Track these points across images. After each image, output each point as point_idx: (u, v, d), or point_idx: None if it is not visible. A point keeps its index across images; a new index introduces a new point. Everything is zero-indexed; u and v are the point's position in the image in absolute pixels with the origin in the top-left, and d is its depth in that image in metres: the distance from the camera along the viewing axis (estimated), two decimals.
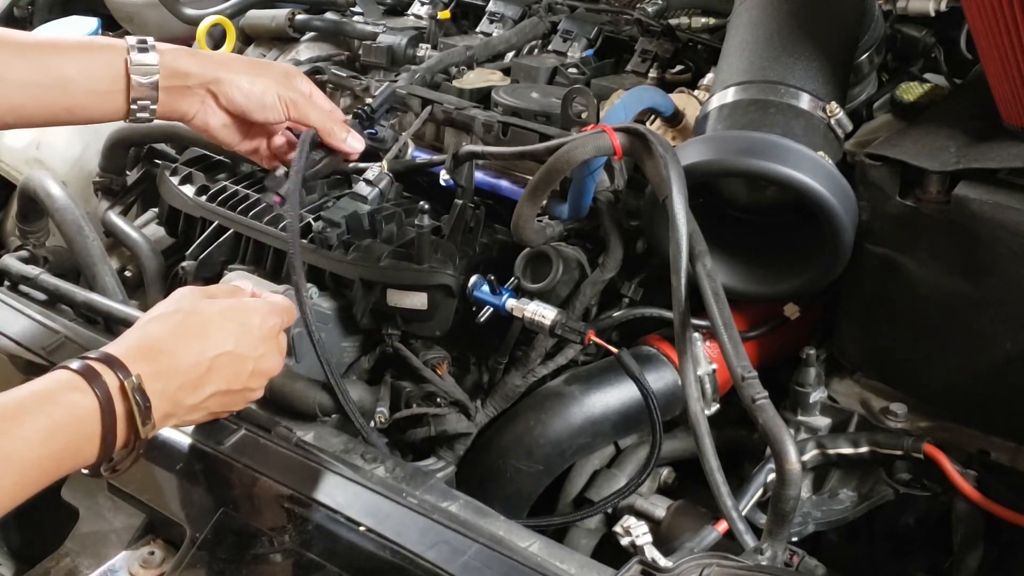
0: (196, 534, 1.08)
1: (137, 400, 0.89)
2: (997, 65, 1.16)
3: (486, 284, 1.35)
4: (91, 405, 0.86)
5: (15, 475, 0.82)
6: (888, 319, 1.33)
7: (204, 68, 1.28)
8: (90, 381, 0.87)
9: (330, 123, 1.38)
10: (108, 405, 0.87)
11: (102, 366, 0.89)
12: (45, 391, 0.85)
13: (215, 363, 0.99)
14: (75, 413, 0.85)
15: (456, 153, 1.40)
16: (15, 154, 1.94)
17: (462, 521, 1.08)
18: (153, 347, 0.95)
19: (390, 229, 1.44)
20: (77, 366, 0.88)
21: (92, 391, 0.86)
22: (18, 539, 1.26)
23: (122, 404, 0.88)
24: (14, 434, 0.82)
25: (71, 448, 0.86)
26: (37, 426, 0.83)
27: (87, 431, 0.86)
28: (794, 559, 1.21)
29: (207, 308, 1.02)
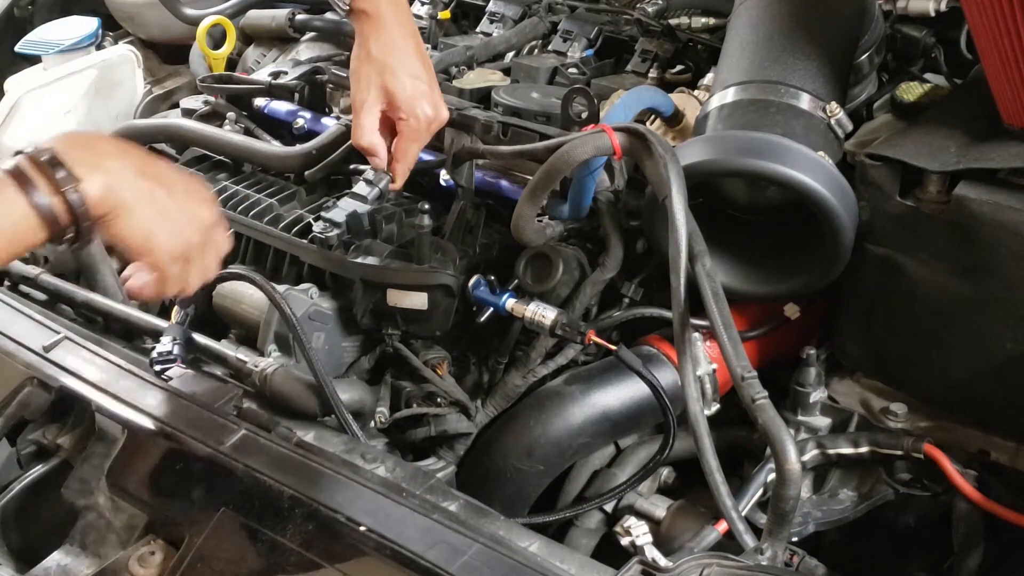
0: (196, 534, 1.08)
1: (40, 160, 0.92)
2: (997, 65, 1.16)
3: (486, 284, 1.35)
4: (10, 185, 0.91)
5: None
6: (888, 319, 1.33)
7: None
8: (10, 171, 0.92)
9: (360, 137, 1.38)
10: (19, 175, 0.92)
11: (24, 158, 0.93)
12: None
13: (155, 180, 1.00)
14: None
15: (456, 153, 1.40)
16: None
17: (462, 521, 1.08)
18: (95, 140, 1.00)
19: (390, 229, 1.44)
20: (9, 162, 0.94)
21: (3, 174, 0.92)
22: (18, 539, 1.26)
23: (36, 171, 0.92)
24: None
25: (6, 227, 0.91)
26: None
27: (10, 206, 0.91)
28: (794, 559, 1.21)
29: None
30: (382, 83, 1.35)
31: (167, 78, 2.27)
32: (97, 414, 1.23)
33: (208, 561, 1.06)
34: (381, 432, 1.39)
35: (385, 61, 1.35)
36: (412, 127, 1.36)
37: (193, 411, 1.23)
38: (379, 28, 1.35)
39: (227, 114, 1.74)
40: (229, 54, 2.02)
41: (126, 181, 0.98)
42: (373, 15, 1.35)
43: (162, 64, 2.30)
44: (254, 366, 1.34)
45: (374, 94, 1.35)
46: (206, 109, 1.77)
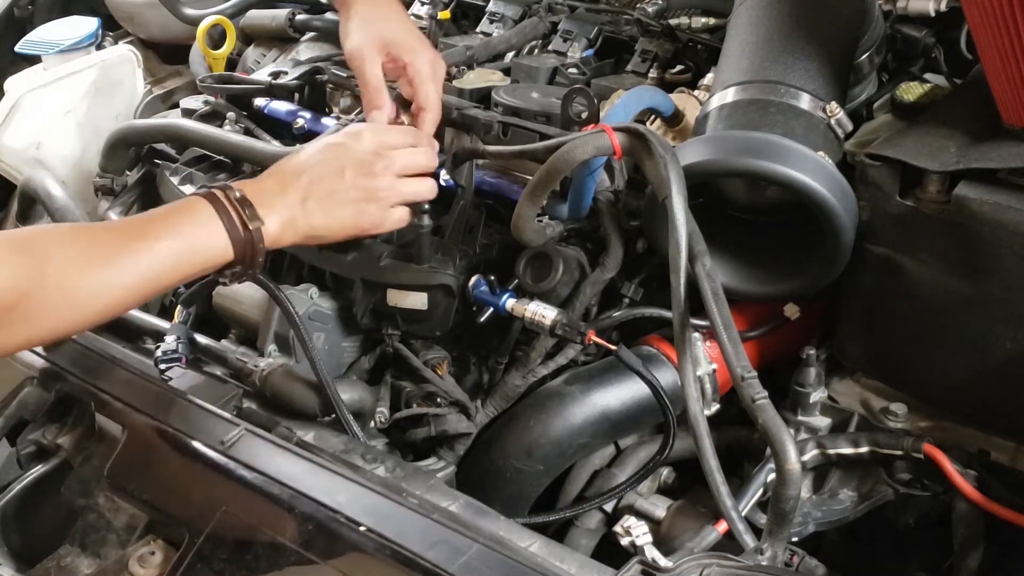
0: (196, 534, 1.08)
1: (235, 200, 1.08)
2: (997, 65, 1.16)
3: (486, 284, 1.35)
4: (208, 210, 1.08)
5: (149, 262, 1.04)
6: (888, 319, 1.32)
7: None
8: (207, 197, 1.09)
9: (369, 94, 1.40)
10: (224, 213, 1.08)
11: (217, 190, 1.10)
12: (175, 207, 1.09)
13: (319, 155, 1.16)
14: (196, 218, 1.07)
15: (456, 153, 1.40)
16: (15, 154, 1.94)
17: (462, 521, 1.08)
18: (271, 172, 1.17)
19: None
20: (201, 191, 1.11)
21: (207, 203, 1.08)
22: (18, 539, 1.26)
23: (232, 209, 1.08)
24: (154, 228, 1.05)
25: (198, 246, 1.07)
26: (171, 225, 1.06)
27: (209, 231, 1.07)
28: (794, 559, 1.21)
29: (325, 136, 1.23)
30: (376, 35, 1.35)
31: (167, 78, 2.26)
32: (97, 414, 1.24)
33: (208, 561, 1.07)
34: (381, 432, 1.39)
35: (374, 20, 1.36)
36: (421, 68, 1.35)
37: (193, 411, 1.23)
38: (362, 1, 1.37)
39: (227, 114, 1.74)
40: (229, 54, 2.02)
41: (296, 212, 1.14)
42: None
43: (162, 64, 2.30)
44: (254, 366, 1.34)
45: (370, 48, 1.35)
46: (206, 109, 1.77)
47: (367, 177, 1.18)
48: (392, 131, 1.28)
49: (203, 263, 1.08)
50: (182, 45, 2.16)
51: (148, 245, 1.04)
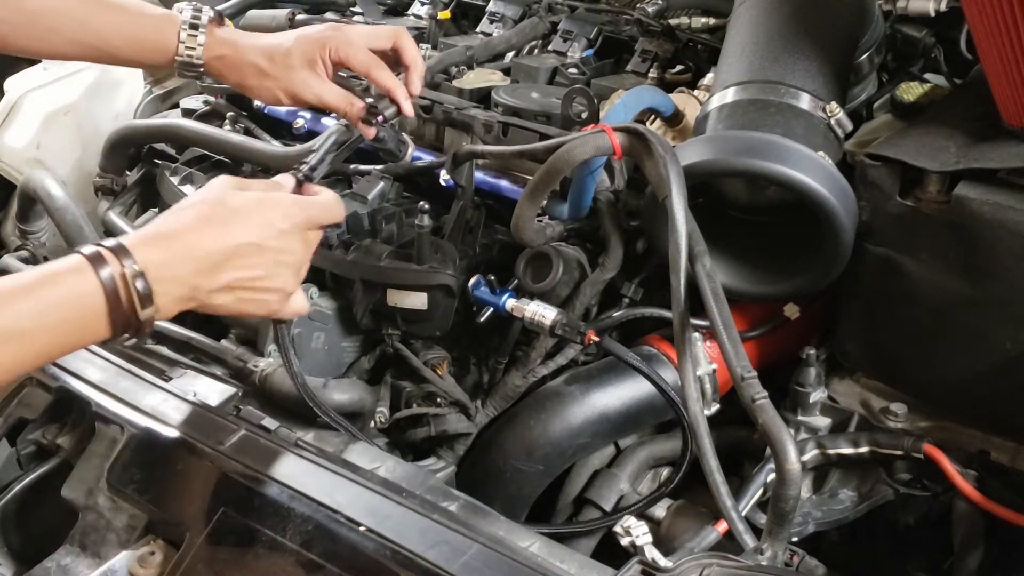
0: (196, 534, 1.08)
1: (135, 287, 0.93)
2: (997, 65, 1.16)
3: (486, 284, 1.35)
4: (94, 287, 0.92)
5: (15, 347, 0.89)
6: (888, 319, 1.33)
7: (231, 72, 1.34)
8: (95, 265, 0.92)
9: (346, 110, 1.34)
10: (112, 289, 0.92)
11: (109, 253, 0.93)
12: (50, 273, 0.92)
13: (234, 251, 1.00)
14: (77, 293, 0.92)
15: (456, 153, 1.40)
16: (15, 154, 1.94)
17: (462, 521, 1.08)
18: (167, 235, 0.98)
19: (390, 229, 1.44)
20: (88, 252, 0.93)
21: (95, 274, 0.92)
22: (18, 539, 1.26)
23: (123, 291, 0.93)
24: (13, 308, 0.89)
25: (75, 325, 0.92)
26: (37, 302, 0.90)
27: (91, 311, 0.92)
28: (794, 559, 1.21)
29: (232, 199, 1.03)
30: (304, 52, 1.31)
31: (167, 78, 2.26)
32: (97, 414, 1.24)
33: (208, 561, 1.06)
34: (381, 432, 1.39)
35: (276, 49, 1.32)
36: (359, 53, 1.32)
37: (193, 411, 1.23)
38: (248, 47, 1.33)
39: (227, 114, 1.74)
40: None
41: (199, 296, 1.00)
42: (232, 47, 1.33)
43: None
44: (254, 366, 1.34)
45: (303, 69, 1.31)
46: (206, 109, 1.77)
47: (287, 279, 1.06)
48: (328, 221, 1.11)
49: (73, 345, 0.94)
50: None
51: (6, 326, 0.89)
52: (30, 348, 0.91)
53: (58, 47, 1.31)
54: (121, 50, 1.31)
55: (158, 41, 1.31)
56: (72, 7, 1.28)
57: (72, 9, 1.28)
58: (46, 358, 0.94)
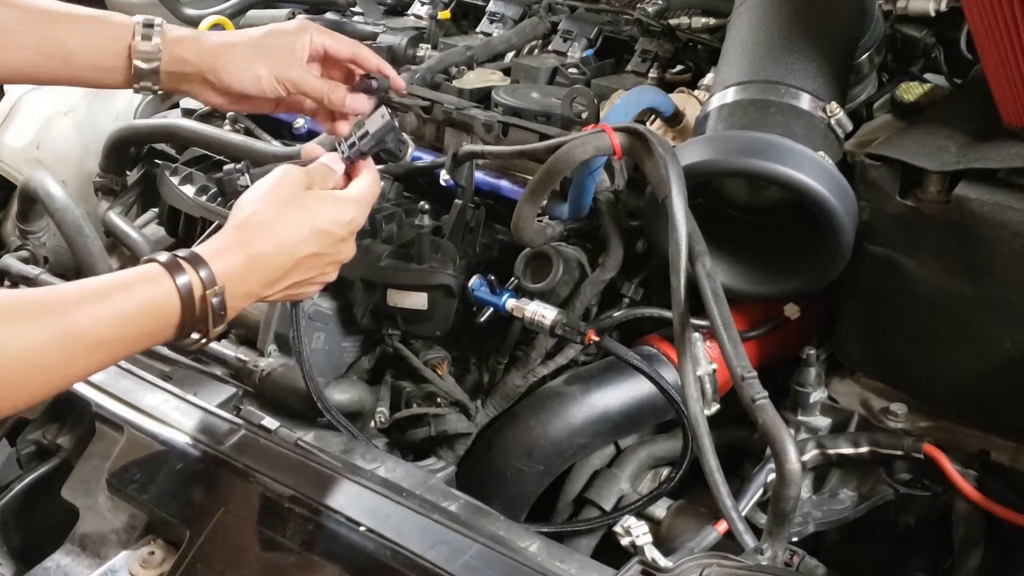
0: (196, 534, 1.08)
1: (212, 304, 0.95)
2: (997, 65, 1.16)
3: (486, 284, 1.35)
4: (170, 299, 0.94)
5: (79, 349, 0.90)
6: (888, 319, 1.33)
7: (201, 57, 1.27)
8: (173, 275, 0.94)
9: (328, 94, 1.30)
10: (188, 300, 0.94)
11: (189, 266, 0.95)
12: (127, 280, 0.93)
13: (297, 264, 1.05)
14: (151, 306, 0.93)
15: (456, 153, 1.40)
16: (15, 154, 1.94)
17: (462, 521, 1.08)
18: (240, 247, 1.01)
19: (390, 229, 1.44)
20: (165, 259, 0.95)
21: (174, 287, 0.94)
22: (18, 539, 1.26)
23: (199, 305, 0.95)
24: (89, 315, 0.90)
25: (146, 333, 0.94)
26: (112, 310, 0.91)
27: (164, 320, 0.94)
28: (794, 559, 1.21)
29: (300, 206, 1.06)
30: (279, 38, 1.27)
31: None
32: (97, 414, 1.24)
33: (208, 561, 1.07)
34: (381, 432, 1.39)
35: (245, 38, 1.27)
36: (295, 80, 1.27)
37: (193, 411, 1.23)
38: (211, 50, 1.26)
39: (227, 114, 1.74)
40: None
41: (257, 296, 1.03)
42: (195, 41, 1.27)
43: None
44: (254, 366, 1.34)
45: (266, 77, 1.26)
46: (206, 109, 1.77)
47: (331, 274, 1.12)
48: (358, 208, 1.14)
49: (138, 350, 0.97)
50: None
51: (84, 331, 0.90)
52: (103, 355, 0.92)
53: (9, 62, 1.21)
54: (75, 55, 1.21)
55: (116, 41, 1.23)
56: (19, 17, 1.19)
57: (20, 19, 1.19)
58: (113, 362, 0.95)
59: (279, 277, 1.04)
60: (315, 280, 1.09)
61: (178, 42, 1.26)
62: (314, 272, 1.08)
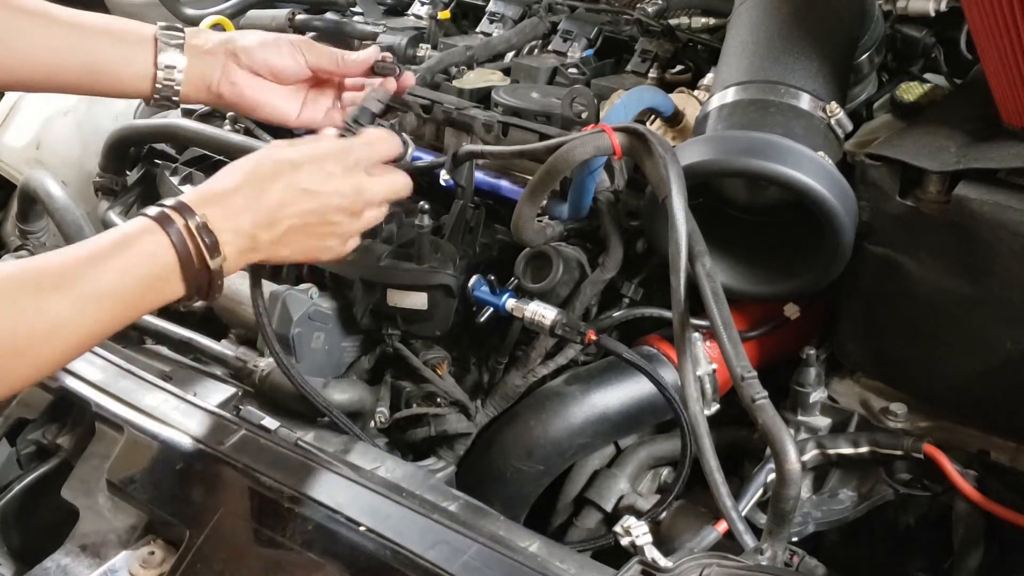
0: (196, 534, 1.08)
1: (203, 238, 0.98)
2: (997, 65, 1.16)
3: (486, 284, 1.35)
4: (165, 245, 0.97)
5: (96, 311, 0.93)
6: (888, 319, 1.33)
7: (222, 36, 1.29)
8: (163, 224, 0.97)
9: (341, 62, 1.31)
10: (181, 244, 0.97)
11: (174, 212, 0.98)
12: (122, 236, 0.96)
13: (288, 200, 1.05)
14: (150, 253, 0.96)
15: (456, 153, 1.40)
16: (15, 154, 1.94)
17: (462, 521, 1.08)
18: (222, 192, 1.04)
19: (390, 229, 1.44)
20: (153, 212, 0.98)
21: (165, 232, 0.97)
22: (18, 539, 1.26)
23: (191, 243, 0.98)
24: (92, 275, 0.92)
25: (152, 285, 0.97)
26: (114, 266, 0.94)
27: (165, 269, 0.97)
28: (794, 559, 1.21)
29: (280, 153, 1.08)
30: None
31: None
32: (97, 414, 1.24)
33: (208, 561, 1.07)
34: (381, 432, 1.39)
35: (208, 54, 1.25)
36: (311, 45, 1.29)
37: (193, 411, 1.23)
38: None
39: (227, 114, 1.74)
40: None
41: (261, 246, 1.05)
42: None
43: None
44: (254, 366, 1.34)
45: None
46: (206, 109, 1.77)
47: (343, 221, 1.11)
48: (381, 155, 1.16)
49: (151, 304, 0.99)
50: None
51: (92, 291, 0.93)
52: (116, 310, 0.95)
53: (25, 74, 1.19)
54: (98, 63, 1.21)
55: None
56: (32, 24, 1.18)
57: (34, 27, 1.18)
58: (129, 319, 0.97)
59: (271, 214, 1.04)
60: (322, 228, 1.09)
61: (197, 31, 1.27)
62: (314, 217, 1.07)
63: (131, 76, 1.23)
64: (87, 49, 1.20)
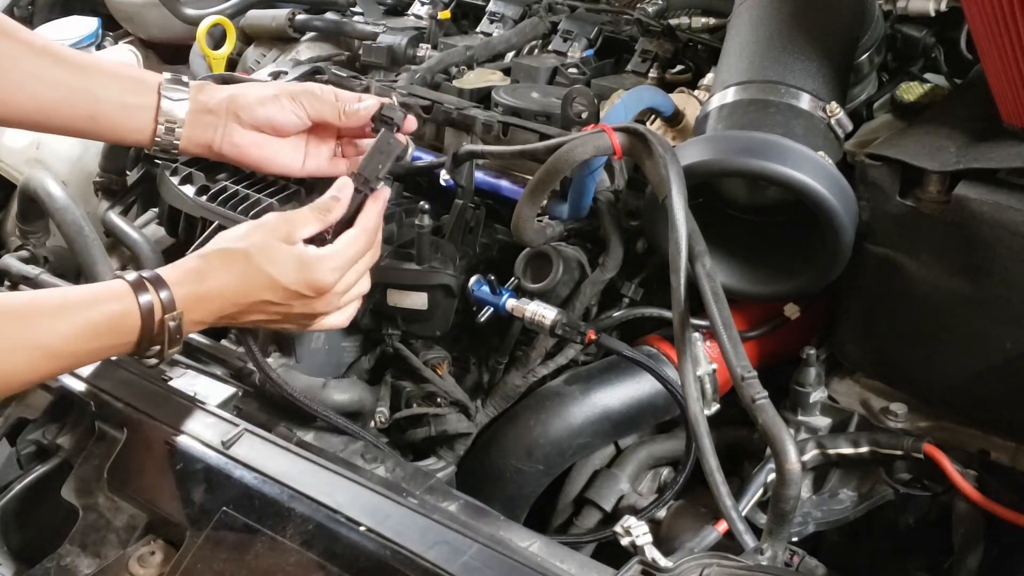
0: (196, 534, 1.08)
1: (170, 328, 1.02)
2: (997, 65, 1.16)
3: (486, 284, 1.35)
4: (132, 317, 0.99)
5: (42, 359, 0.96)
6: (888, 319, 1.33)
7: (225, 93, 1.28)
8: (138, 294, 1.00)
9: (351, 101, 1.30)
10: (148, 321, 1.00)
11: (151, 287, 1.01)
12: (93, 295, 0.99)
13: (250, 307, 1.10)
14: (115, 321, 0.99)
15: (456, 153, 1.40)
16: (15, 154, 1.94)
17: (462, 521, 1.08)
18: (198, 279, 1.06)
19: (390, 229, 1.44)
20: (131, 279, 1.01)
21: (137, 305, 1.00)
22: (18, 539, 1.26)
23: (158, 325, 1.01)
24: (50, 327, 0.95)
25: (108, 346, 1.01)
26: (76, 324, 0.96)
27: (125, 336, 1.00)
28: (794, 559, 1.21)
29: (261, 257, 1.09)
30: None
31: None
32: (97, 414, 1.24)
33: (208, 561, 1.07)
34: (381, 432, 1.39)
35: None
36: (312, 92, 1.28)
37: (193, 411, 1.23)
38: None
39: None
40: (229, 54, 2.02)
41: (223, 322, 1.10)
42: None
43: (162, 64, 2.30)
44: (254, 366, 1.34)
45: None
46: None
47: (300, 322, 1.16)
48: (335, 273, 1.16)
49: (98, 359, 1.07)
50: (182, 45, 2.16)
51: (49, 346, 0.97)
52: (65, 364, 0.99)
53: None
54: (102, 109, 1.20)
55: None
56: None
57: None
58: (73, 369, 1.04)
59: (235, 313, 1.09)
60: (279, 325, 1.14)
61: (202, 87, 1.28)
62: (275, 317, 1.13)
63: (132, 127, 1.25)
64: (90, 92, 1.20)
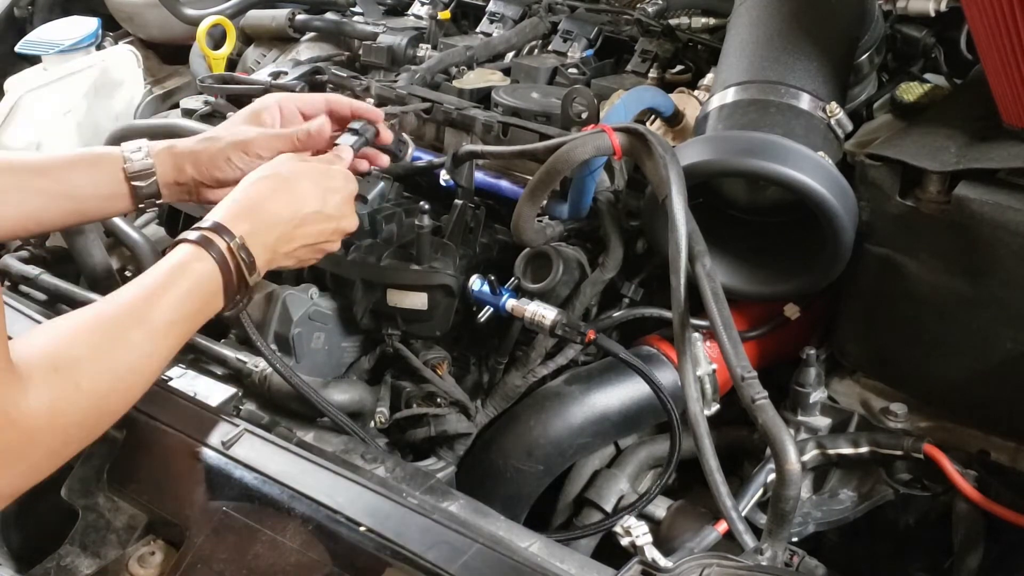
0: (196, 534, 1.08)
1: (242, 257, 1.07)
2: (997, 65, 1.16)
3: (486, 284, 1.35)
4: (212, 269, 1.05)
5: (166, 339, 1.01)
6: (888, 319, 1.33)
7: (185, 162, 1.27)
8: (207, 248, 1.05)
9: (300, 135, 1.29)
10: (224, 265, 1.05)
11: (213, 234, 1.06)
12: (176, 265, 1.04)
13: (305, 219, 1.15)
14: (200, 278, 1.04)
15: (456, 153, 1.40)
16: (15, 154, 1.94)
17: (462, 521, 1.08)
18: (249, 208, 1.11)
19: (390, 229, 1.44)
20: (194, 237, 1.06)
21: (210, 257, 1.05)
22: (18, 539, 1.26)
23: (231, 262, 1.06)
24: (159, 305, 1.00)
25: (202, 306, 1.05)
26: (174, 296, 1.02)
27: (211, 290, 1.05)
28: (794, 559, 1.21)
29: (295, 171, 1.16)
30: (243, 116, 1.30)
31: (167, 78, 2.27)
32: None
33: (208, 561, 1.06)
34: (381, 432, 1.39)
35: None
36: (309, 97, 1.32)
37: (193, 411, 1.23)
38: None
39: (227, 114, 1.73)
40: (229, 54, 2.02)
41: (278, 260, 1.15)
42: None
43: (162, 64, 2.30)
44: (254, 366, 1.34)
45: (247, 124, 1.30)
46: (206, 109, 1.77)
47: (338, 240, 1.23)
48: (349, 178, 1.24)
49: (203, 321, 1.07)
50: (182, 45, 2.16)
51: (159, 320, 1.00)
52: (181, 334, 1.03)
53: None
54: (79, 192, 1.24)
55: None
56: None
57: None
58: (188, 339, 1.06)
59: (291, 230, 1.13)
60: (324, 245, 1.20)
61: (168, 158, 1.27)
62: (323, 237, 1.18)
63: (117, 209, 1.29)
64: (67, 187, 1.24)
